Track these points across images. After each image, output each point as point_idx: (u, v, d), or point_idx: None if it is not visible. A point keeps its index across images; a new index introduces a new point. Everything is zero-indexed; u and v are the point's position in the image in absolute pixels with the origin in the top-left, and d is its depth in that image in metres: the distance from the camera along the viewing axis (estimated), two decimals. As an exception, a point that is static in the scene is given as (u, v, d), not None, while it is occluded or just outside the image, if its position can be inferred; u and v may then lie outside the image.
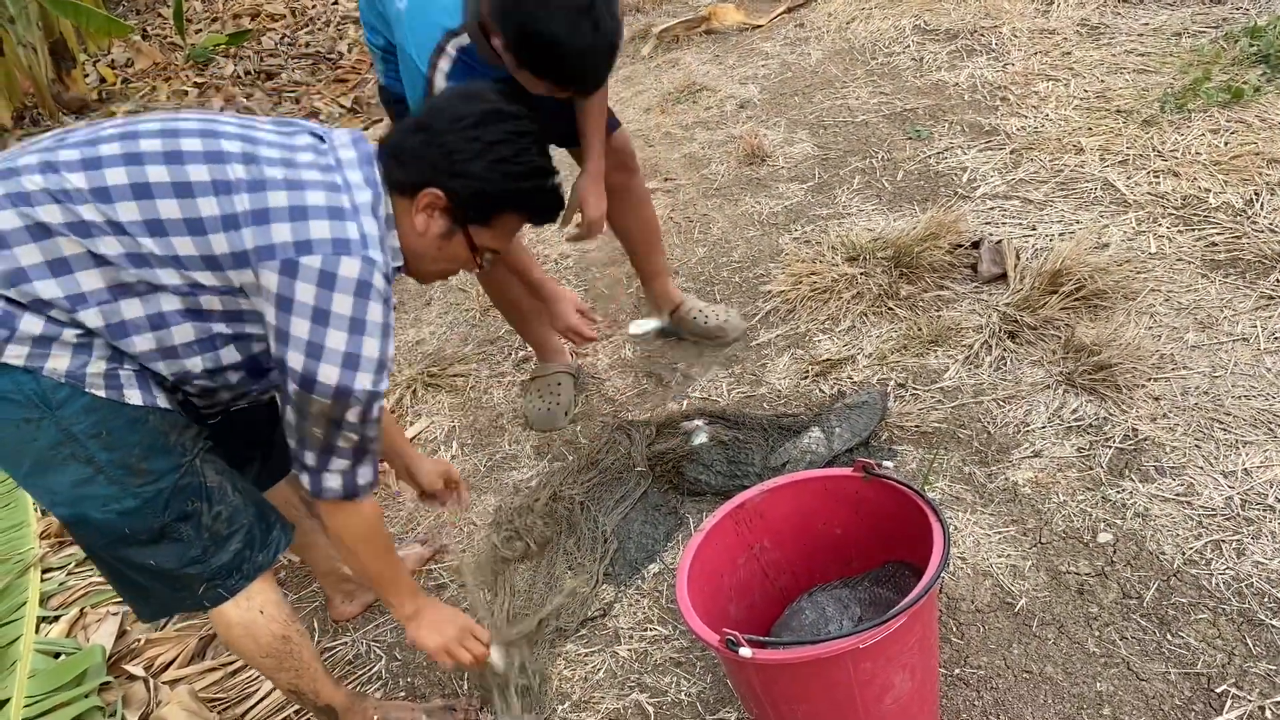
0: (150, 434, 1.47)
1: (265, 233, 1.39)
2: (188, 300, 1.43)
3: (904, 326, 2.64)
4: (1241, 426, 2.04)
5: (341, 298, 1.39)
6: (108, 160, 1.39)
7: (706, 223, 3.47)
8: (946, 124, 3.59)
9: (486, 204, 1.55)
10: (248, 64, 6.53)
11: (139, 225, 1.37)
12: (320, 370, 1.40)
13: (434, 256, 1.59)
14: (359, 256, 1.40)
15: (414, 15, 1.97)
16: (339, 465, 1.51)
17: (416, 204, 1.52)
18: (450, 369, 2.99)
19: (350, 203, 1.44)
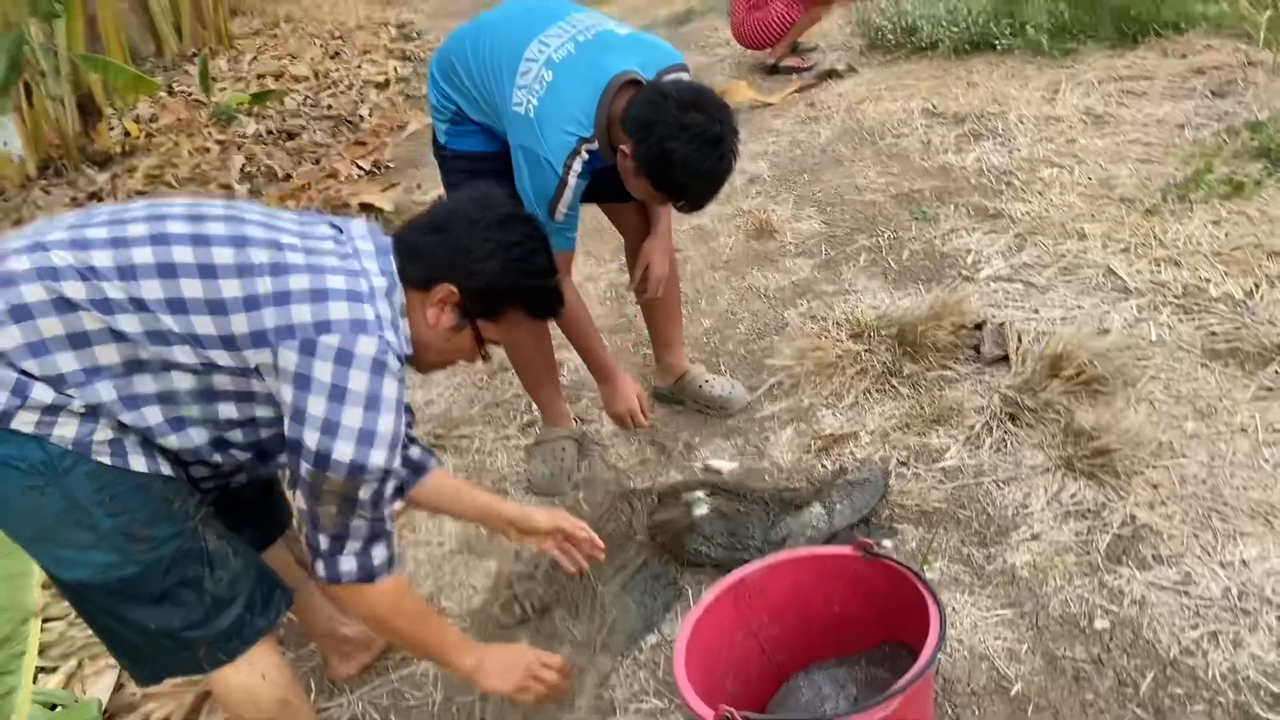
0: (153, 500, 1.49)
1: (286, 313, 1.44)
2: (201, 379, 1.48)
3: (907, 405, 2.66)
4: (1239, 517, 2.06)
5: (358, 374, 1.43)
6: (135, 240, 1.45)
7: (714, 294, 3.52)
8: (952, 206, 3.65)
9: (497, 300, 1.64)
10: (270, 123, 6.65)
11: (161, 303, 1.43)
12: (336, 447, 1.43)
13: (440, 348, 1.66)
14: (376, 336, 1.46)
15: (546, 122, 2.14)
16: (353, 548, 1.54)
17: (430, 298, 1.59)
18: (456, 430, 3.02)
19: (368, 286, 1.51)
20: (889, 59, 5.37)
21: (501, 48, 2.27)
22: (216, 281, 1.44)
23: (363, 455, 1.44)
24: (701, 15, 7.25)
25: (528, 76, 2.18)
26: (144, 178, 5.83)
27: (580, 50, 2.21)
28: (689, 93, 2.12)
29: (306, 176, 5.64)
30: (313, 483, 1.46)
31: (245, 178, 5.74)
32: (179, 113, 7.15)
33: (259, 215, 1.55)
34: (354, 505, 1.49)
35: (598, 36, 2.25)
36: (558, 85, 2.16)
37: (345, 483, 1.45)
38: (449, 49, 2.41)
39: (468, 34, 2.39)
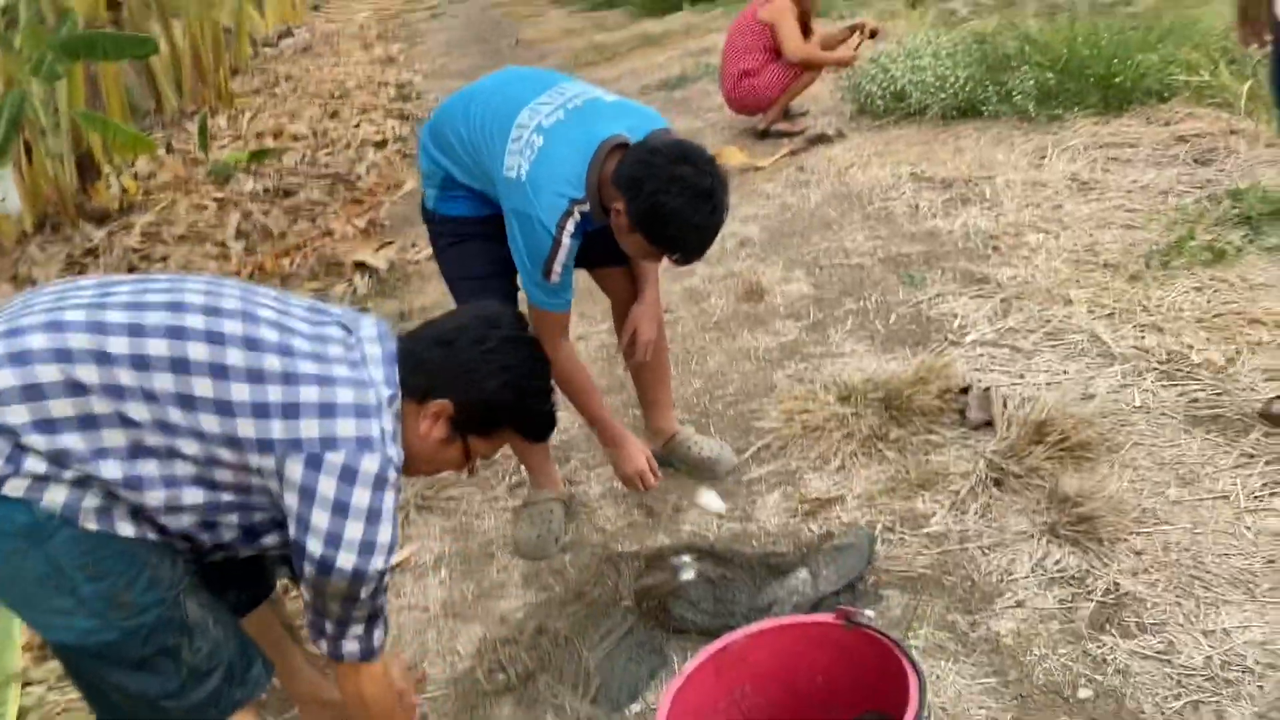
0: (137, 566, 1.50)
1: (295, 426, 1.49)
2: (202, 470, 1.51)
3: (893, 469, 2.68)
4: (1221, 585, 2.07)
5: (361, 491, 1.50)
6: (151, 330, 1.48)
7: (703, 355, 3.55)
8: (939, 270, 3.70)
9: (492, 419, 1.70)
10: (267, 181, 6.73)
11: (171, 396, 1.46)
12: (339, 557, 1.50)
13: (429, 458, 1.72)
14: (379, 453, 1.52)
15: (539, 186, 2.20)
16: (355, 632, 1.62)
17: (425, 410, 1.64)
18: (444, 492, 3.02)
19: (376, 399, 1.56)
20: (878, 124, 5.46)
21: (493, 115, 2.32)
22: (227, 383, 1.48)
23: (364, 564, 1.52)
24: (694, 80, 7.37)
25: (519, 142, 2.23)
26: (140, 235, 5.88)
27: (570, 116, 2.26)
28: (677, 148, 2.19)
29: (302, 235, 5.70)
30: (316, 585, 1.54)
31: (241, 235, 5.80)
32: (177, 170, 7.24)
33: (273, 313, 1.58)
34: (355, 602, 1.57)
35: (586, 104, 2.31)
36: (549, 150, 2.21)
37: (348, 586, 1.53)
38: (441, 117, 2.47)
39: (459, 102, 2.44)
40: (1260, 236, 3.35)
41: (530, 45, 10.84)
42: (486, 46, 11.46)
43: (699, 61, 7.87)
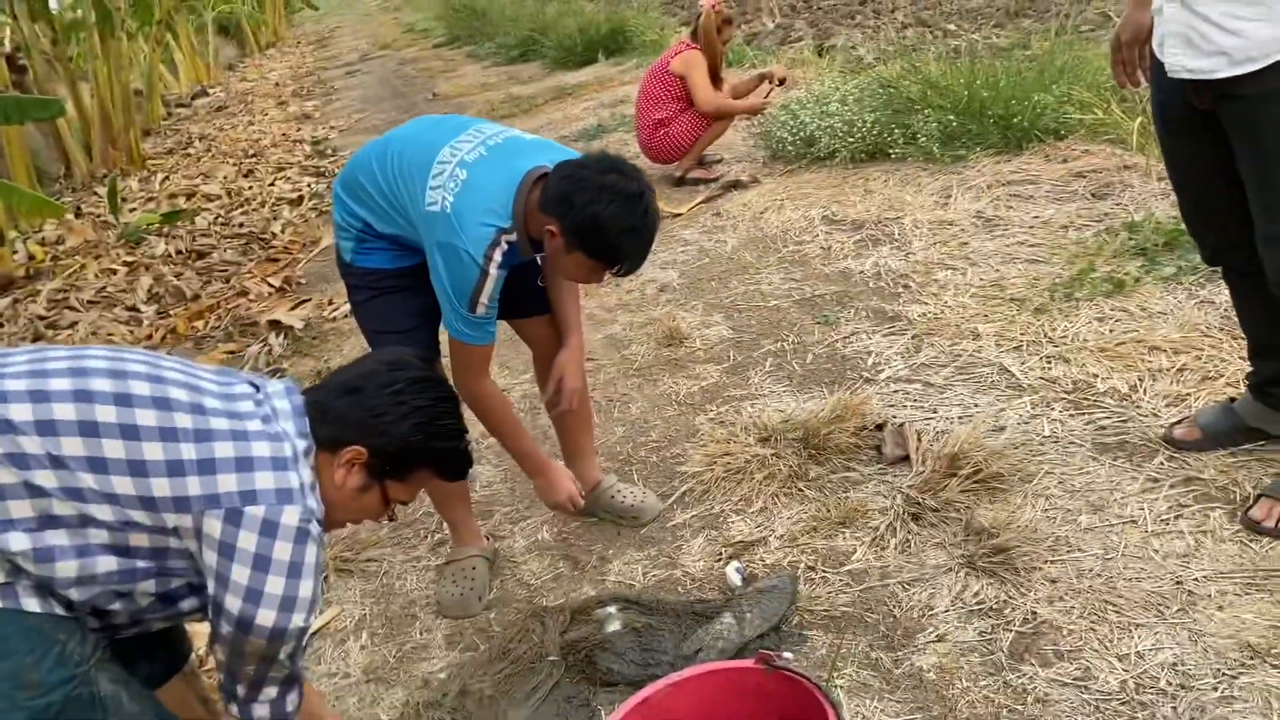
0: (44, 642, 1.44)
1: (212, 482, 1.48)
2: (116, 536, 1.47)
3: (813, 507, 2.70)
4: (1133, 609, 2.11)
5: (282, 545, 1.49)
6: (56, 395, 1.45)
7: (626, 402, 3.55)
8: (852, 309, 3.76)
9: (407, 462, 1.69)
10: (180, 243, 6.61)
11: (81, 460, 1.43)
12: (259, 614, 1.48)
13: (347, 507, 1.70)
14: (299, 505, 1.52)
15: (464, 216, 2.19)
16: (268, 695, 1.59)
17: (339, 459, 1.63)
18: (364, 554, 2.96)
19: (292, 451, 1.56)
20: (790, 169, 5.57)
21: (411, 156, 2.32)
22: (139, 443, 1.46)
23: (284, 620, 1.50)
24: (611, 130, 7.45)
25: (441, 177, 2.23)
26: (46, 302, 5.73)
27: (492, 151, 2.28)
28: (602, 160, 2.23)
29: (216, 296, 5.60)
30: (234, 643, 1.51)
31: (153, 299, 5.68)
32: (86, 234, 7.08)
33: (180, 374, 1.57)
34: (272, 662, 1.54)
35: (506, 140, 2.34)
36: (472, 181, 2.21)
37: (267, 644, 1.51)
38: (354, 167, 2.46)
39: (372, 151, 2.44)
40: (1156, 266, 3.47)
41: (446, 99, 10.86)
42: (402, 101, 11.47)
43: (614, 112, 7.96)
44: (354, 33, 23.23)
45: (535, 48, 12.47)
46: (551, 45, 11.81)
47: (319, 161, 9.04)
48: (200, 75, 17.81)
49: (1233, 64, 1.91)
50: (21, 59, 9.18)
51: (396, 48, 17.82)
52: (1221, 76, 1.94)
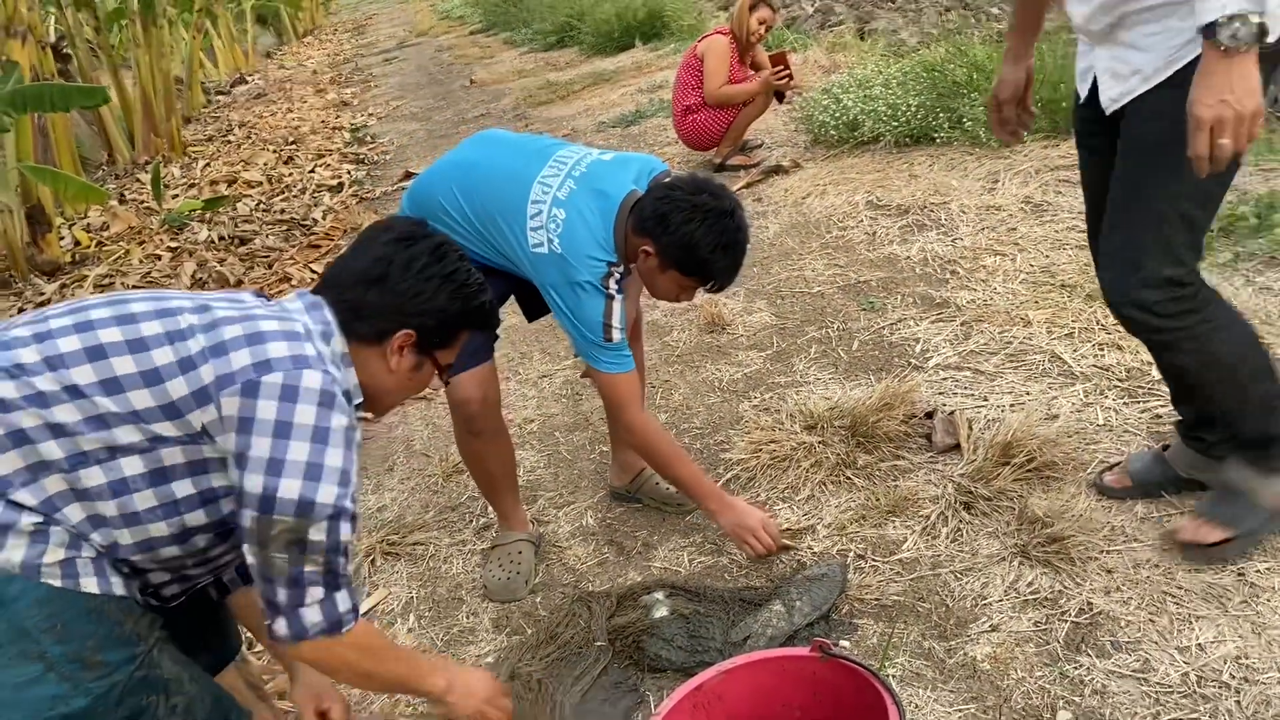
0: (106, 624, 1.43)
1: (225, 363, 1.43)
2: (148, 459, 1.43)
3: (862, 496, 2.67)
4: (1193, 600, 2.07)
5: (305, 408, 1.41)
6: (58, 331, 1.44)
7: (668, 389, 3.53)
8: (899, 296, 3.72)
9: (451, 328, 1.69)
10: (222, 229, 6.67)
11: (95, 386, 1.40)
12: (281, 486, 1.39)
13: (404, 388, 1.70)
14: (320, 370, 1.45)
15: (574, 254, 2.23)
16: (314, 596, 1.45)
17: (390, 346, 1.62)
18: (410, 537, 2.97)
19: (304, 328, 1.53)
20: (832, 154, 5.52)
21: (501, 192, 2.34)
22: (149, 353, 1.43)
23: (310, 491, 1.40)
24: (649, 116, 7.42)
25: (539, 218, 2.27)
26: (93, 287, 5.80)
27: (580, 184, 2.31)
28: (690, 180, 2.31)
29: (259, 281, 5.64)
30: (260, 531, 1.41)
31: (197, 284, 5.73)
32: (130, 221, 7.15)
33: (181, 292, 1.59)
34: (305, 549, 1.42)
35: (590, 167, 2.36)
36: (572, 220, 2.25)
37: (295, 523, 1.40)
38: (429, 187, 2.47)
39: (452, 177, 2.44)
40: (1212, 253, 3.40)
41: (483, 86, 10.87)
42: (439, 89, 11.48)
43: (652, 98, 7.92)
44: (390, 20, 23.29)
45: (572, 34, 12.43)
46: (588, 31, 11.76)
47: (358, 148, 9.07)
48: (239, 63, 17.94)
49: (1144, 80, 1.86)
50: (66, 47, 9.28)
51: (433, 35, 17.85)
52: (1140, 93, 1.88)
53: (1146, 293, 1.91)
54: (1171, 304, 1.92)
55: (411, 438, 3.58)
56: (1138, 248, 1.92)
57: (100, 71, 9.75)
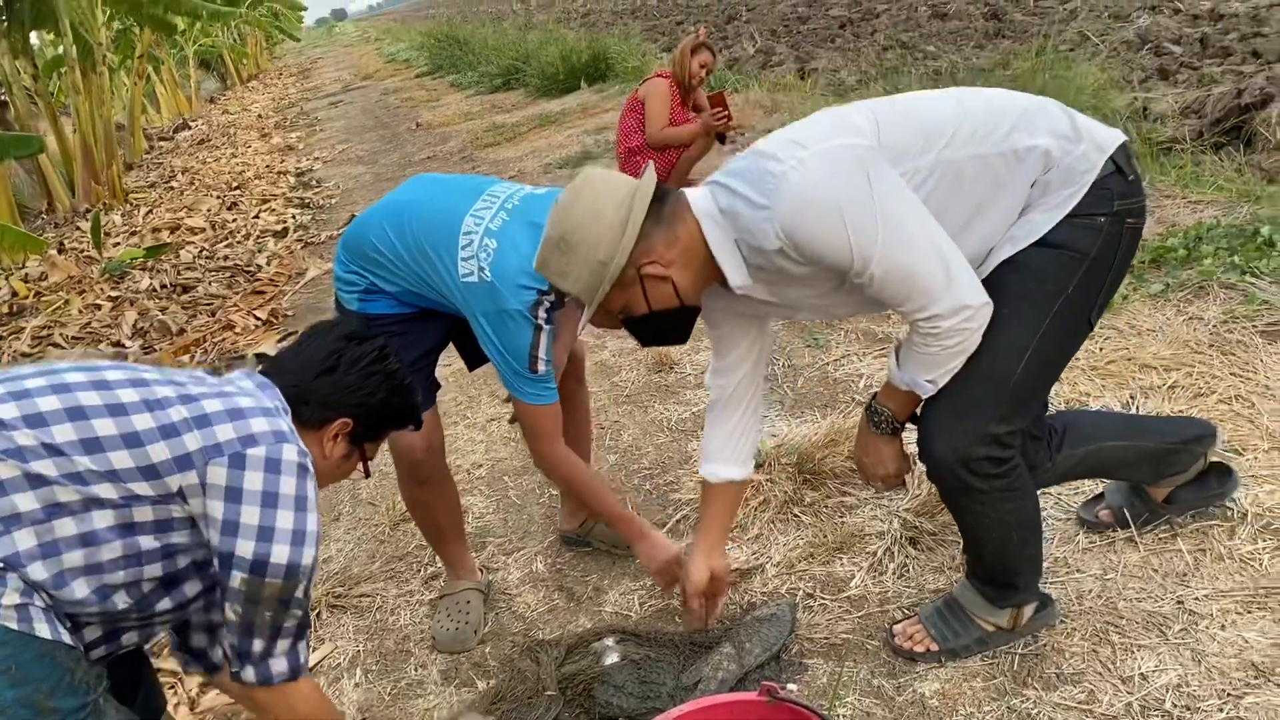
0: (58, 669, 1.44)
1: (210, 434, 1.54)
2: (120, 514, 1.50)
3: (810, 533, 2.68)
4: (1135, 629, 2.09)
5: (287, 480, 1.56)
6: (36, 391, 1.50)
7: (617, 430, 3.53)
8: (842, 332, 3.76)
9: (383, 423, 1.84)
10: (164, 277, 6.58)
11: (75, 445, 1.47)
12: (273, 551, 1.53)
13: (331, 474, 1.81)
14: (295, 444, 1.60)
15: (504, 282, 2.21)
16: (284, 646, 1.62)
17: (327, 434, 1.75)
18: (356, 589, 2.92)
19: (274, 406, 1.65)
20: (776, 192, 5.57)
21: (433, 227, 2.32)
22: (128, 417, 1.51)
23: (297, 555, 1.55)
24: (596, 157, 7.48)
25: (470, 248, 2.25)
26: (31, 339, 5.69)
27: (513, 215, 2.30)
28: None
29: (201, 329, 5.57)
30: (249, 590, 1.54)
31: (138, 334, 5.64)
32: (70, 270, 7.04)
33: (146, 366, 1.67)
34: (289, 604, 1.58)
35: (523, 200, 2.36)
36: (504, 249, 2.23)
37: (283, 584, 1.55)
38: (364, 230, 2.44)
39: (384, 216, 2.42)
40: (1143, 284, 3.49)
41: (430, 129, 10.89)
42: (386, 132, 11.48)
43: (598, 139, 7.99)
44: (336, 64, 23.31)
45: (518, 76, 12.53)
46: (534, 73, 11.86)
47: (303, 193, 9.02)
48: (182, 108, 17.82)
49: (1015, 244, 1.82)
50: (3, 95, 9.16)
51: (379, 78, 17.88)
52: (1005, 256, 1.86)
53: (976, 449, 1.86)
54: (990, 464, 1.89)
55: (358, 486, 3.53)
56: (972, 402, 1.85)
57: (39, 119, 9.63)
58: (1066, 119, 1.82)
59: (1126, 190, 1.80)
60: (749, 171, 1.75)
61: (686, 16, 16.60)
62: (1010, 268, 1.82)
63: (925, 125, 1.78)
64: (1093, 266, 1.80)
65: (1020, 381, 1.85)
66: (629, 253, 1.78)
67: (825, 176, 1.68)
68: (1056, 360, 1.93)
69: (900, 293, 1.73)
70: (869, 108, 1.84)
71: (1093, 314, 1.88)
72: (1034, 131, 1.78)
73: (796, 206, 1.68)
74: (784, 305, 1.96)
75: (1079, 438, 2.16)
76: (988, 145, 1.77)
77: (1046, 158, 1.77)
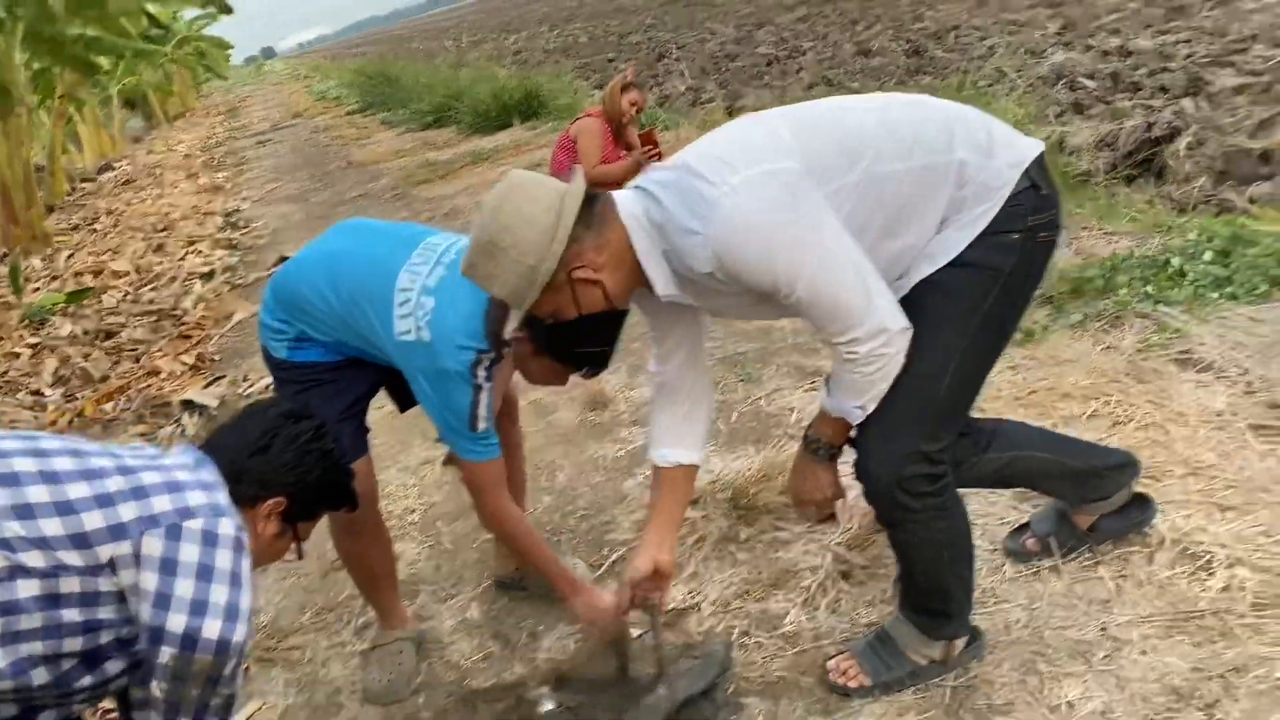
0: None
1: (146, 505, 1.53)
2: (45, 584, 1.46)
3: (745, 570, 2.69)
4: (1061, 658, 2.13)
5: (223, 553, 1.54)
6: None
7: (552, 471, 3.52)
8: (774, 366, 3.80)
9: (317, 503, 1.84)
10: (86, 323, 6.42)
11: (6, 510, 1.45)
12: (205, 626, 1.50)
13: (263, 554, 1.78)
14: (232, 519, 1.59)
15: (443, 343, 2.18)
16: None
17: (259, 512, 1.73)
18: (286, 641, 2.86)
19: (212, 479, 1.65)
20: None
21: (368, 281, 2.29)
22: (62, 486, 1.50)
23: (229, 631, 1.52)
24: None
25: (407, 305, 2.22)
26: (-55, 390, 5.50)
27: (451, 270, 2.27)
28: None
29: (126, 376, 5.44)
30: (177, 667, 1.50)
31: (59, 382, 5.49)
32: (-14, 317, 6.83)
33: (80, 439, 1.66)
34: (216, 683, 1.54)
35: (460, 254, 2.31)
36: (442, 308, 2.21)
37: (213, 661, 1.51)
38: (294, 280, 2.41)
39: (315, 266, 2.39)
40: (1063, 315, 3.58)
41: (361, 167, 10.82)
42: (316, 170, 11.39)
43: (531, 176, 7.99)
44: (265, 102, 23.11)
45: (450, 113, 12.52)
46: (466, 111, 11.87)
47: (232, 234, 8.89)
48: (106, 149, 17.49)
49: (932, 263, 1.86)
50: (-85, 138, 8.91)
51: (309, 116, 17.76)
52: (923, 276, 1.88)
53: (908, 468, 1.91)
54: (923, 482, 1.93)
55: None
56: (901, 422, 1.89)
57: (-47, 162, 9.37)
58: (984, 131, 1.85)
59: (1039, 205, 1.83)
60: (679, 188, 1.76)
61: (618, 54, 16.78)
62: (928, 288, 1.86)
63: (849, 140, 1.80)
64: (1008, 283, 1.85)
65: (945, 400, 1.89)
66: (559, 257, 1.77)
67: (756, 206, 1.70)
68: (978, 375, 1.97)
69: (823, 317, 1.77)
70: (794, 119, 1.85)
71: (1010, 328, 1.94)
72: (953, 145, 1.81)
73: (727, 233, 1.70)
74: (710, 308, 1.99)
75: (1007, 443, 2.21)
76: (912, 160, 1.80)
77: (963, 172, 1.81)
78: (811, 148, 1.78)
